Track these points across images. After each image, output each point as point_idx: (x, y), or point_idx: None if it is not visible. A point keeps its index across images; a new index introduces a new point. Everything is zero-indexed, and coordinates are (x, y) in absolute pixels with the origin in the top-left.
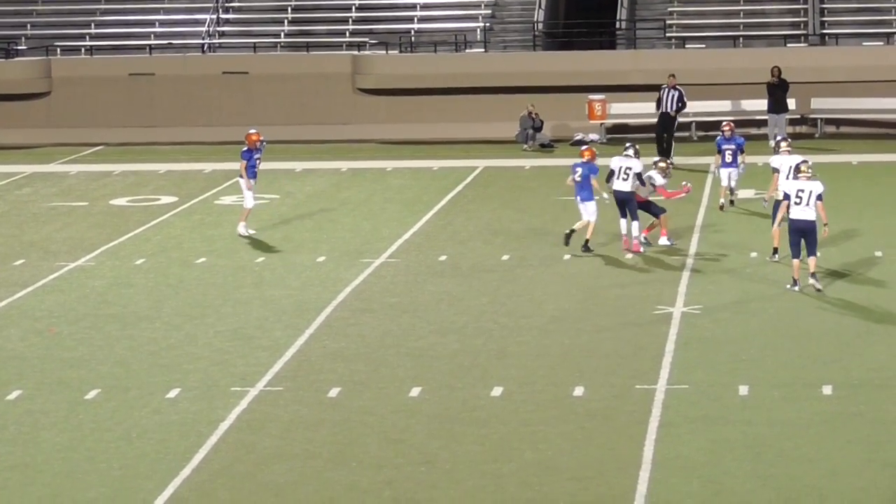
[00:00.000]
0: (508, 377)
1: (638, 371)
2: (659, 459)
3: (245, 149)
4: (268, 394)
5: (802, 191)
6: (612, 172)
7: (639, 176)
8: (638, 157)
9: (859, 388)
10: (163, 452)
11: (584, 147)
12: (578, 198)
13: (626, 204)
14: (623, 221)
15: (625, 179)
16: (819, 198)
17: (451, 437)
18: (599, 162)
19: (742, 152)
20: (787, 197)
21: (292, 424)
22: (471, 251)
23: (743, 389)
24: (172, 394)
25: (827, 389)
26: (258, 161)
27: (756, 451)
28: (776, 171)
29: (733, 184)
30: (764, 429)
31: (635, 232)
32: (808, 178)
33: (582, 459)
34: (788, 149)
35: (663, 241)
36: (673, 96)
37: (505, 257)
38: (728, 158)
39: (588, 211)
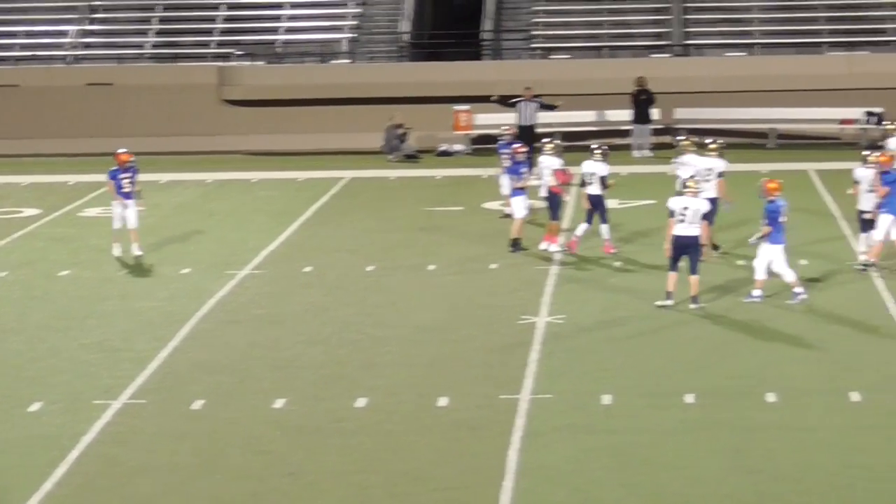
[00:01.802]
0: (374, 388)
1: (503, 381)
2: (524, 469)
3: (112, 168)
4: (132, 406)
5: (687, 208)
6: (582, 178)
7: (602, 179)
8: (605, 161)
9: (722, 396)
10: (25, 467)
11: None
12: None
13: (596, 207)
14: (583, 225)
15: (590, 183)
16: (703, 216)
17: (316, 449)
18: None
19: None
20: (671, 213)
21: (157, 437)
22: (337, 262)
23: (607, 398)
24: (35, 407)
25: (690, 398)
26: (125, 181)
27: (621, 460)
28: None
29: (506, 192)
30: (629, 437)
31: (606, 234)
32: (695, 195)
33: (448, 470)
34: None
35: (544, 245)
36: (533, 108)
37: (371, 268)
38: (506, 164)
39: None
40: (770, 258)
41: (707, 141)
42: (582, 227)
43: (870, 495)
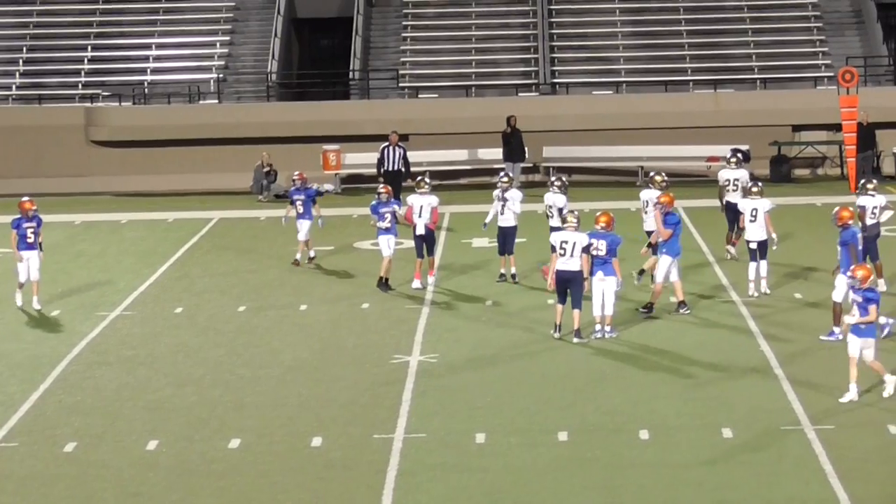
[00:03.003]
0: (246, 428)
1: (376, 420)
2: None
3: (16, 217)
4: (2, 450)
5: (566, 241)
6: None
7: (560, 211)
8: (565, 193)
9: (594, 433)
10: None
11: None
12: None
13: None
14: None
15: (550, 217)
16: (584, 250)
17: (189, 490)
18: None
19: (314, 202)
20: (553, 248)
21: (28, 480)
22: (207, 302)
23: (480, 437)
24: None
25: (562, 435)
26: (29, 230)
27: (494, 498)
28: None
29: (303, 237)
30: (501, 476)
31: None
32: (575, 229)
33: None
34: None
35: (416, 283)
36: (399, 154)
37: (241, 308)
38: (300, 209)
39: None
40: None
41: (652, 173)
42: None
43: None
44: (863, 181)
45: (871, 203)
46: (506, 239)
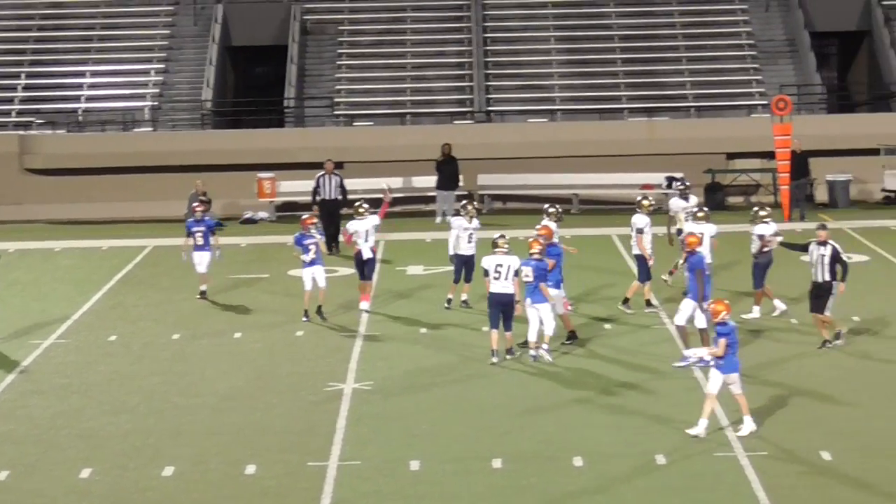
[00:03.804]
0: (181, 456)
1: (310, 448)
2: None
3: None
4: None
5: (501, 265)
6: None
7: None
8: (558, 221)
9: (529, 461)
10: None
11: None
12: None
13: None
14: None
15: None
16: (516, 273)
17: None
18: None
19: (213, 234)
20: (486, 273)
21: None
22: (141, 330)
23: (414, 464)
24: None
25: (497, 463)
26: None
27: None
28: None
29: (203, 269)
30: (436, 503)
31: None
32: (506, 253)
33: None
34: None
35: (365, 305)
36: (335, 182)
37: (175, 336)
38: (199, 241)
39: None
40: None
41: (639, 198)
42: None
43: None
44: (755, 209)
45: (767, 231)
46: (468, 267)
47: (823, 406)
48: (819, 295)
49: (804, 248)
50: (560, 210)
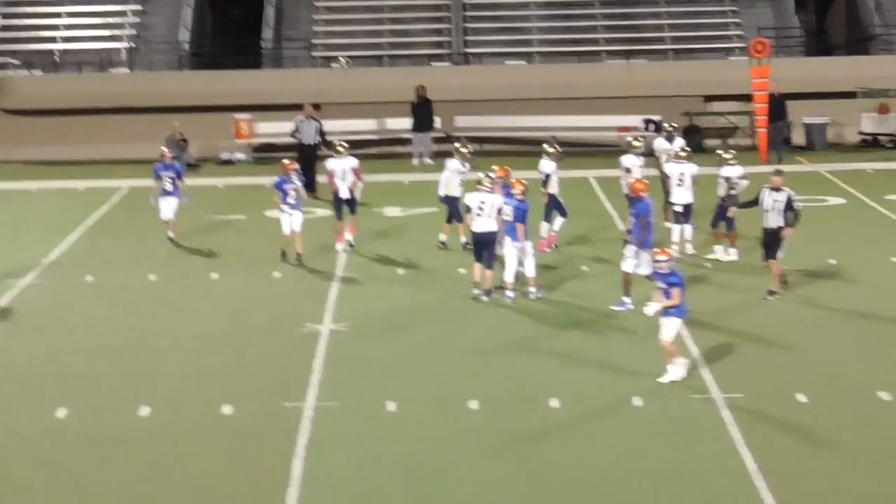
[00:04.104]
0: (157, 397)
1: (287, 389)
2: (309, 477)
3: None
4: None
5: (484, 203)
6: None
7: (547, 177)
8: (557, 161)
9: (505, 402)
10: None
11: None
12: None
13: (554, 205)
14: (544, 224)
15: (545, 183)
16: (499, 212)
17: (100, 459)
18: None
19: (181, 179)
20: (468, 210)
21: None
22: (117, 271)
23: (391, 405)
24: None
25: (474, 404)
26: None
27: (406, 468)
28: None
29: (170, 215)
30: (413, 445)
31: (556, 227)
32: (490, 192)
33: (232, 478)
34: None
35: (340, 246)
36: (315, 127)
37: (152, 277)
38: (168, 187)
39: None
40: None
41: (629, 138)
42: (545, 226)
43: (654, 500)
44: (718, 152)
45: (734, 173)
46: (456, 207)
47: (792, 351)
48: (770, 243)
49: (755, 202)
50: (560, 150)
